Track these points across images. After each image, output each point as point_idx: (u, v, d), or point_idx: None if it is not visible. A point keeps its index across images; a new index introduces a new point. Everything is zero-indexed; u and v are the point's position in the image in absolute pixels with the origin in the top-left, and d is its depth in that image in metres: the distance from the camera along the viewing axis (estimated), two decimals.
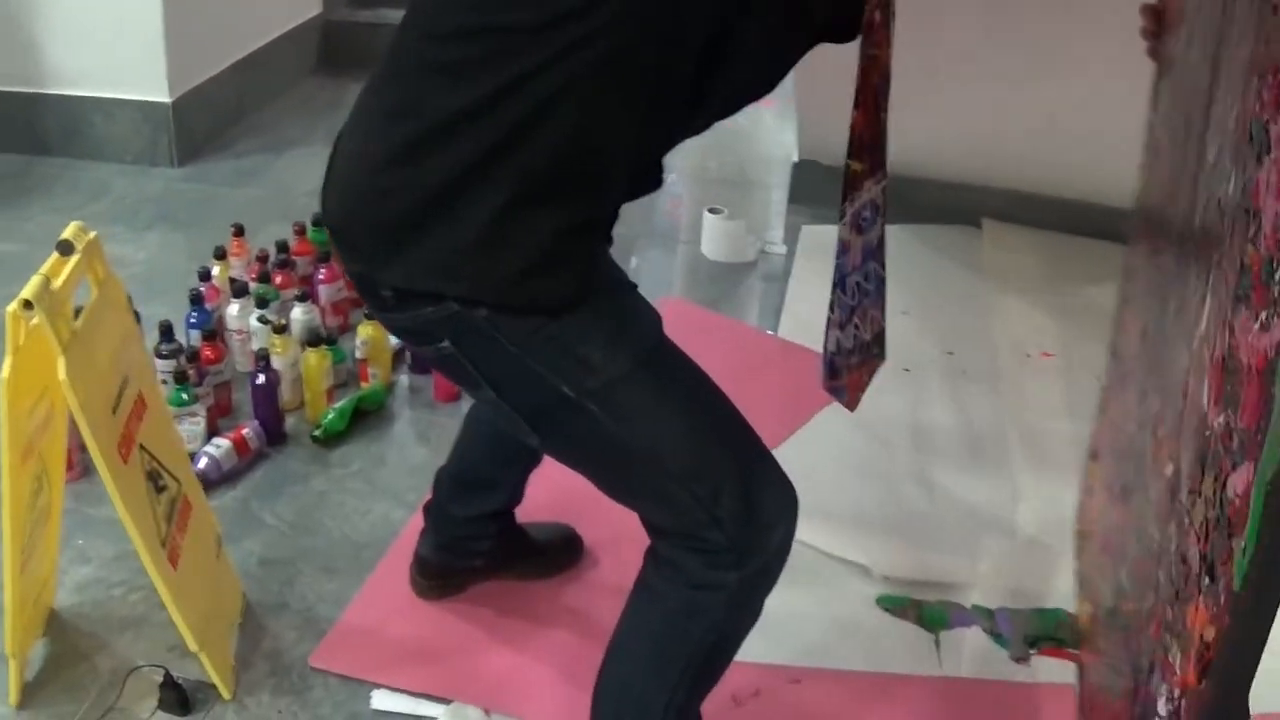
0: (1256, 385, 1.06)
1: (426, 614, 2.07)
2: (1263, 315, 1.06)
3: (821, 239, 3.23)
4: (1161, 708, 1.28)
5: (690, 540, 1.48)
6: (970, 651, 2.09)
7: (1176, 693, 1.22)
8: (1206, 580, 1.15)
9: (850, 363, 1.94)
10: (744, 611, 1.53)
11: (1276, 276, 1.02)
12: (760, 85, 1.54)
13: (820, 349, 1.94)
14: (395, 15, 1.47)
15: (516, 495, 2.06)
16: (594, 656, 1.63)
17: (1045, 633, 2.14)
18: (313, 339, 2.56)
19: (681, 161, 4.04)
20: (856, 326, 1.90)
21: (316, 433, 2.50)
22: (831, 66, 1.98)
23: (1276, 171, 1.06)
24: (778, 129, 4.39)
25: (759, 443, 1.53)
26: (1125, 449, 1.76)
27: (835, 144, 1.85)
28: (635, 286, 1.54)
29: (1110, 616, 1.74)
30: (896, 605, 2.20)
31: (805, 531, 1.84)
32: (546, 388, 1.41)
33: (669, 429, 1.46)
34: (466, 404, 2.21)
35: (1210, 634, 1.13)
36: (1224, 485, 1.12)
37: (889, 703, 1.99)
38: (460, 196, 1.34)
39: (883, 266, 1.88)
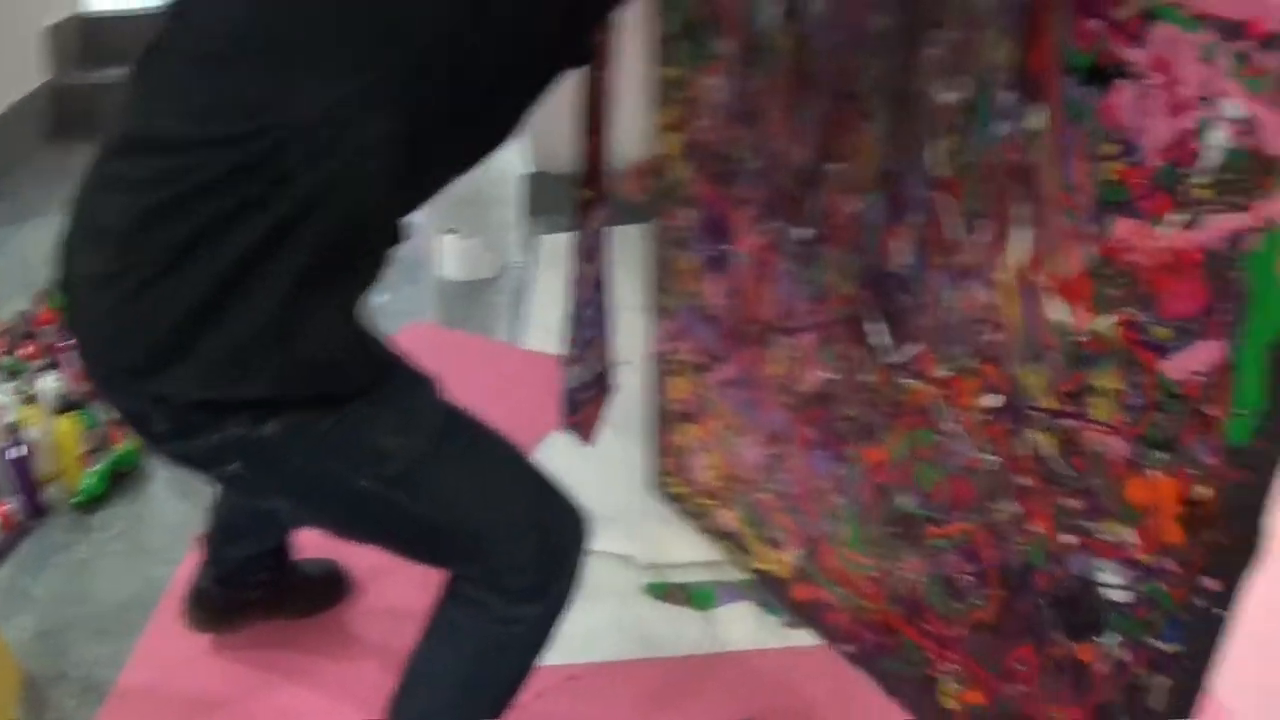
0: (1195, 271, 1.23)
1: (206, 664, 2.07)
2: (1172, 218, 1.23)
3: (559, 247, 3.28)
4: (1110, 578, 1.43)
5: (493, 582, 1.48)
6: (740, 624, 2.09)
7: (1146, 556, 1.38)
8: (1158, 454, 1.33)
9: (586, 397, 1.98)
10: (547, 636, 1.55)
11: (1193, 179, 1.20)
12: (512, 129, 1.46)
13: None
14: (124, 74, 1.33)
15: (288, 530, 2.01)
16: (384, 684, 1.61)
17: None
18: (63, 406, 2.54)
19: None
20: (590, 360, 1.94)
21: (76, 499, 2.47)
22: None
23: (1149, 93, 1.21)
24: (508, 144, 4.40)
25: (545, 478, 1.53)
26: (805, 401, 1.83)
27: (565, 154, 1.88)
28: (400, 357, 1.46)
29: (873, 547, 1.80)
30: (664, 591, 2.17)
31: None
32: (345, 485, 1.36)
33: (470, 496, 1.44)
34: None
35: (1201, 493, 1.30)
36: (1151, 373, 1.30)
37: (668, 686, 1.99)
38: (235, 295, 1.22)
39: (608, 296, 1.92)
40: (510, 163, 4.10)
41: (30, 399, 2.53)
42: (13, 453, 2.39)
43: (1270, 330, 1.18)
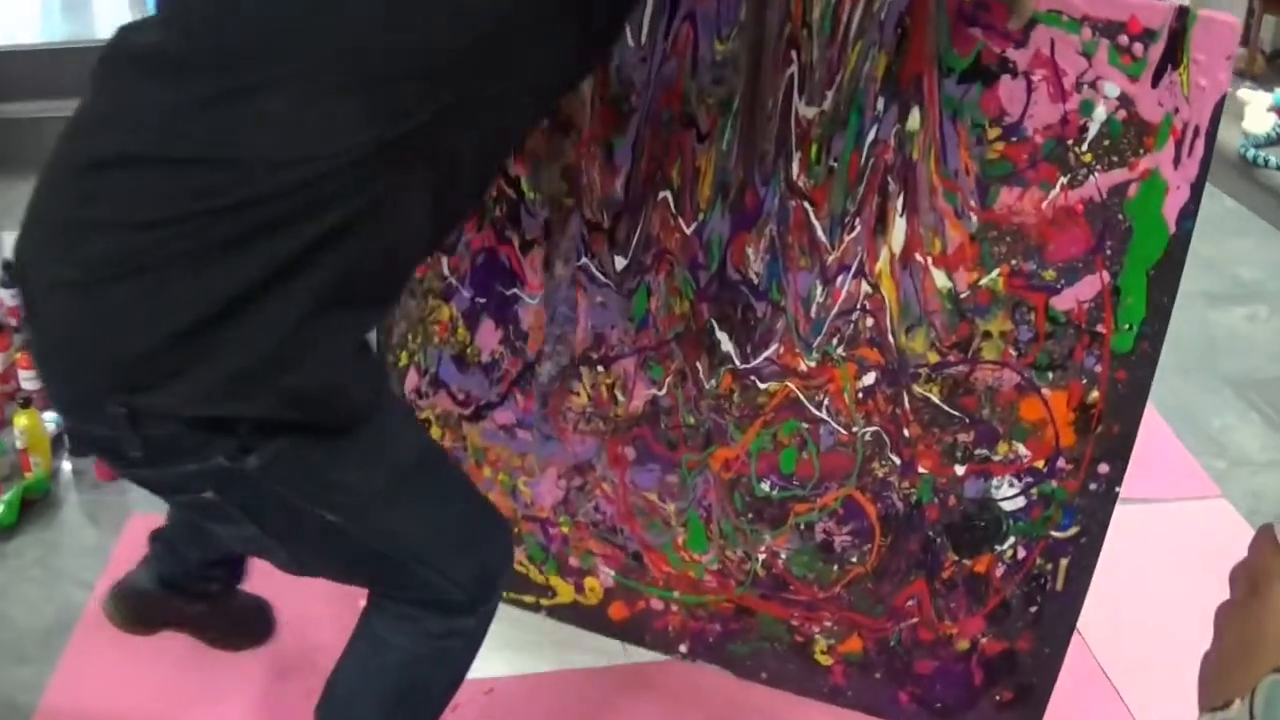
0: (1077, 221, 1.54)
1: (127, 686, 2.06)
2: (1060, 180, 1.53)
3: None
4: (1005, 492, 1.72)
5: (430, 599, 1.50)
6: None
7: (1040, 463, 1.68)
8: (1051, 374, 1.63)
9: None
10: (478, 646, 1.58)
11: (1076, 149, 1.50)
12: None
13: None
14: (15, 110, 1.06)
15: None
16: (307, 705, 1.61)
17: None
18: None
19: None
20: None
21: None
22: None
23: (1031, 84, 1.48)
24: None
25: (479, 495, 1.60)
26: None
27: None
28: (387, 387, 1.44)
29: (720, 540, 1.90)
30: None
31: None
32: (308, 513, 1.34)
33: (415, 526, 1.44)
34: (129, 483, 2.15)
35: (1093, 397, 1.62)
36: (1044, 312, 1.60)
37: (579, 698, 2.00)
38: (251, 310, 1.17)
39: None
40: None
41: None
42: None
43: (1150, 258, 1.52)
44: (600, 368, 1.84)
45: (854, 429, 1.75)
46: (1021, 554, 1.73)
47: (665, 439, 1.85)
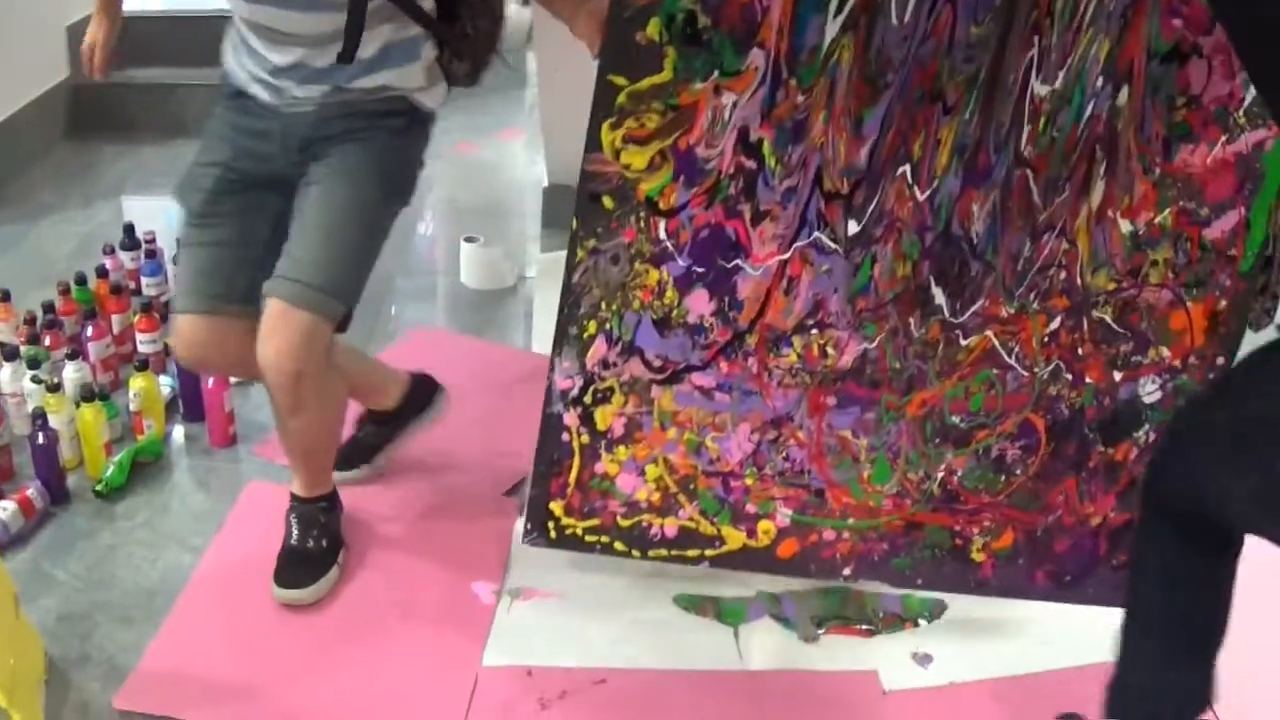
0: (1230, 170, 1.96)
1: (228, 651, 2.13)
2: (1221, 139, 1.94)
3: (554, 265, 2.91)
4: (1149, 389, 2.12)
5: None
6: (766, 642, 2.19)
7: (1177, 361, 2.10)
8: (1195, 290, 2.06)
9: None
10: None
11: (1235, 115, 1.92)
12: None
13: None
14: (146, 75, 1.14)
15: None
16: (410, 671, 1.93)
17: (831, 612, 2.26)
18: (86, 395, 2.59)
19: (431, 195, 4.15)
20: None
21: (99, 487, 2.55)
22: (573, 93, 2.03)
23: (1212, 65, 1.89)
24: (527, 158, 4.45)
25: None
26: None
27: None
28: None
29: (903, 465, 2.16)
30: (694, 603, 2.23)
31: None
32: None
33: None
34: (242, 449, 2.69)
35: (1222, 305, 2.07)
36: (1195, 240, 2.02)
37: (692, 698, 2.06)
38: None
39: None
40: (530, 175, 4.26)
41: (54, 388, 2.58)
42: (39, 439, 2.47)
43: (1273, 195, 2.00)
44: (814, 330, 2.04)
45: (1036, 369, 2.09)
46: (1152, 437, 2.16)
47: (870, 380, 2.08)
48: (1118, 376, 2.12)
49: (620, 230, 1.95)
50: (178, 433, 2.78)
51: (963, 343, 2.07)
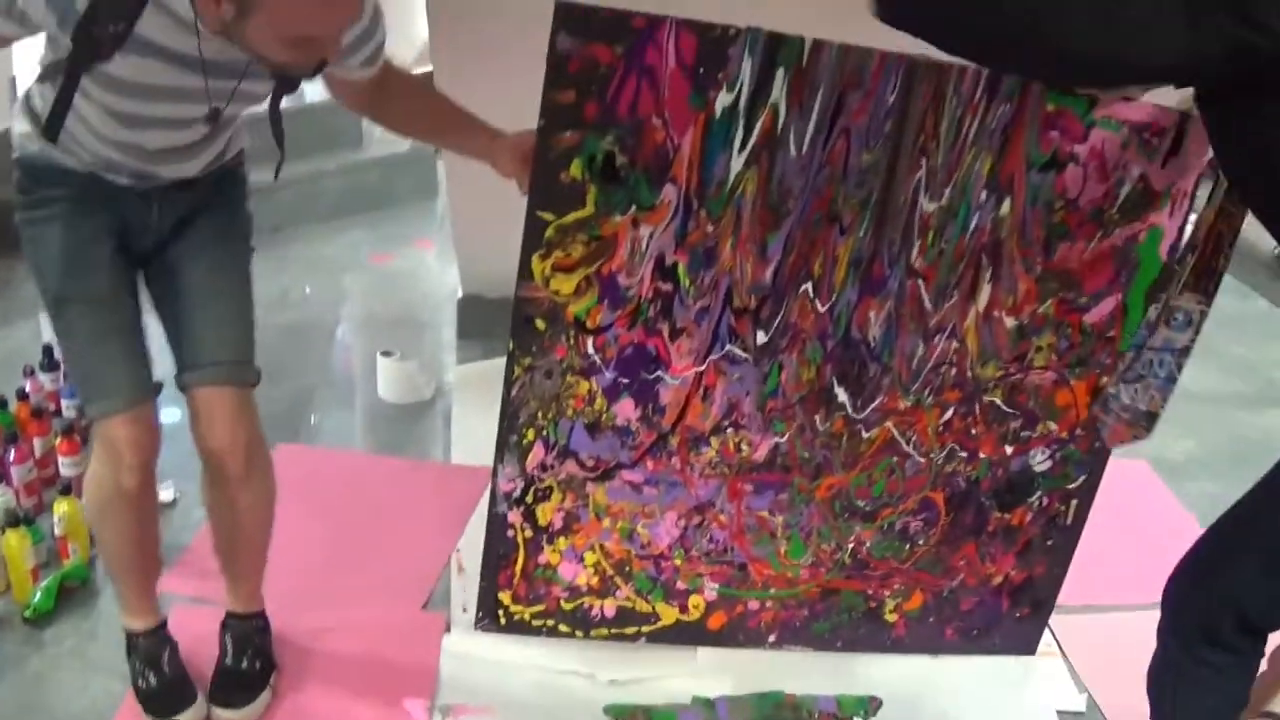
0: (1107, 261, 2.12)
1: None
2: (1097, 235, 2.10)
3: (471, 376, 3.26)
4: (1039, 459, 2.30)
5: None
6: None
7: (1064, 433, 2.28)
8: (1079, 370, 2.22)
9: (1122, 416, 2.15)
10: None
11: (1109, 212, 2.08)
12: None
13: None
14: None
15: None
16: None
17: (766, 716, 2.29)
18: (11, 520, 2.55)
19: (346, 306, 4.17)
20: (1136, 393, 2.11)
21: (26, 613, 2.49)
22: (484, 205, 2.14)
23: (1087, 171, 2.03)
24: (440, 268, 4.42)
25: None
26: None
27: (497, 277, 1.99)
28: None
29: (816, 540, 2.32)
30: (625, 713, 2.27)
31: (526, 649, 2.31)
32: None
33: None
34: (167, 572, 2.43)
35: (1103, 381, 2.22)
36: (1078, 327, 2.17)
37: None
38: None
39: (1179, 368, 2.07)
40: (443, 286, 4.19)
41: None
42: None
43: (1147, 282, 2.15)
44: (730, 429, 2.18)
45: (932, 454, 2.25)
46: (1045, 502, 2.33)
47: (781, 467, 2.23)
48: (1009, 450, 2.28)
49: (552, 349, 2.08)
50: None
51: (865, 435, 2.22)
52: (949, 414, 2.22)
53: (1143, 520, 2.76)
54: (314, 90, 2.69)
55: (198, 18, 1.71)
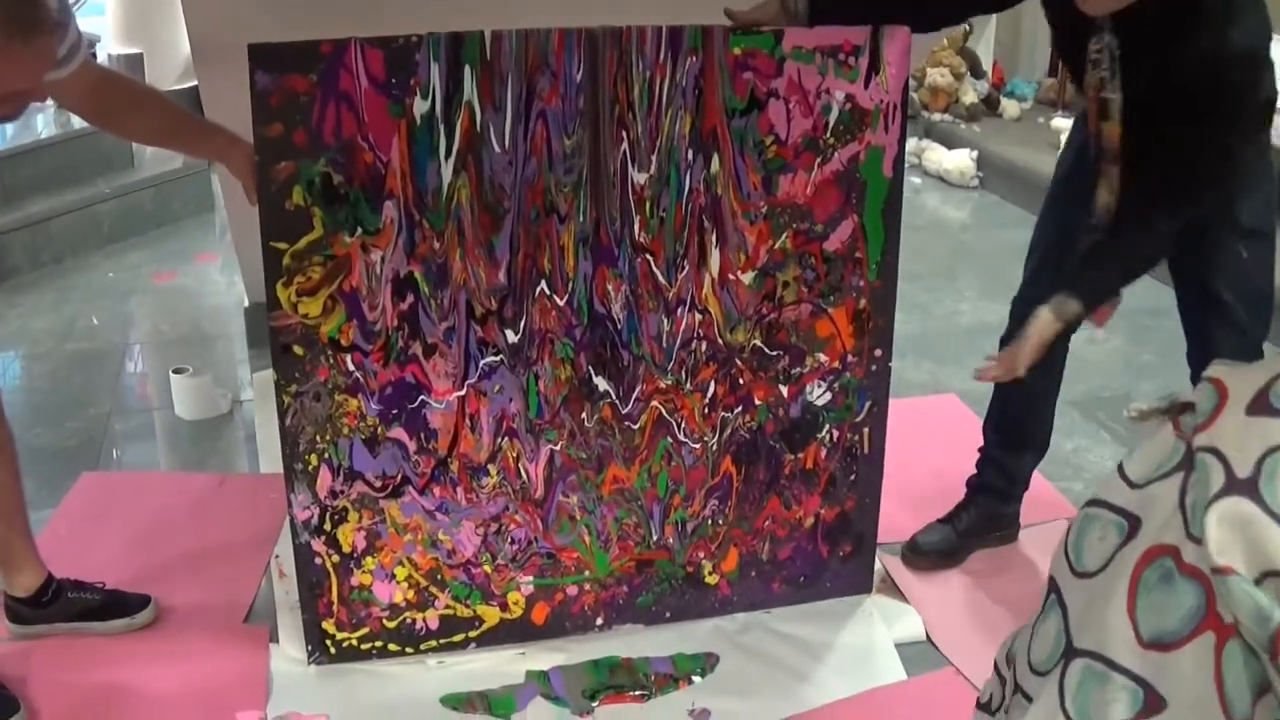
0: (832, 187, 2.14)
1: None
2: (817, 161, 2.11)
3: (268, 383, 2.76)
4: (817, 393, 2.29)
5: None
6: None
7: (836, 363, 2.28)
8: (832, 298, 2.22)
9: None
10: None
11: (823, 138, 2.09)
12: None
13: None
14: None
15: None
16: None
17: (601, 683, 2.26)
18: None
19: (135, 329, 4.09)
20: None
21: None
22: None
23: (789, 104, 2.04)
24: (226, 280, 4.41)
25: None
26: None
27: None
28: None
29: (620, 521, 2.31)
30: (461, 701, 2.21)
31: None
32: None
33: None
34: None
35: (862, 304, 2.25)
36: (820, 255, 2.18)
37: None
38: None
39: None
40: (231, 296, 4.16)
41: None
42: None
43: (879, 200, 2.16)
44: (505, 440, 2.16)
45: (706, 439, 2.25)
46: (836, 435, 2.33)
47: (563, 468, 2.21)
48: (785, 391, 2.27)
49: (315, 371, 2.06)
50: None
51: (635, 426, 2.21)
52: (711, 391, 2.22)
53: (959, 452, 2.78)
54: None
55: None
